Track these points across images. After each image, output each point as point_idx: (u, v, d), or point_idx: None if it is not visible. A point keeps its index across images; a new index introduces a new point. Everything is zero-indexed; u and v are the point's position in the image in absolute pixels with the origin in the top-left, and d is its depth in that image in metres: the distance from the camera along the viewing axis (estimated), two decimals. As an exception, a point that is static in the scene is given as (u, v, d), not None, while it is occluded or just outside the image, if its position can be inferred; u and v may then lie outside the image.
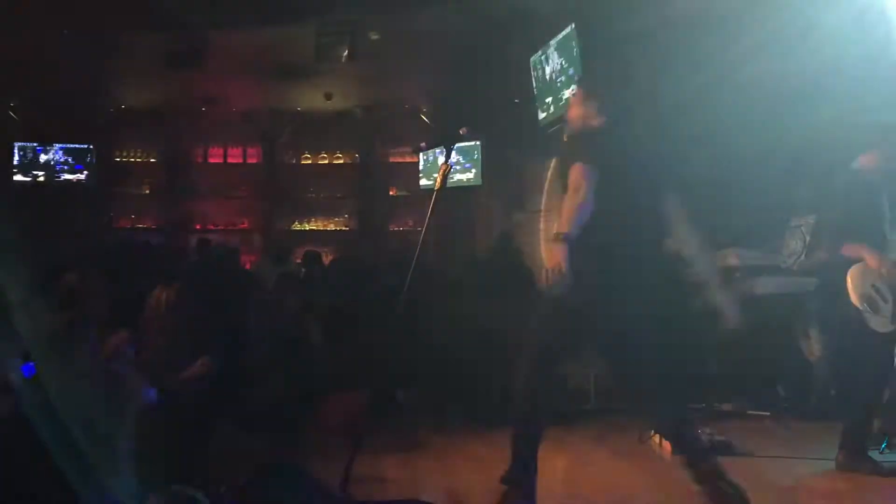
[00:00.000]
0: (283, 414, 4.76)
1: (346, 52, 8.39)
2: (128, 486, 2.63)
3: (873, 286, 4.21)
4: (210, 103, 10.84)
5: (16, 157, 10.76)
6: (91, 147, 10.94)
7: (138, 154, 11.43)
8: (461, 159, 9.93)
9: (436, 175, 3.98)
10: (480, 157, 9.90)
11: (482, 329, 5.94)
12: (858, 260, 4.28)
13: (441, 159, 8.39)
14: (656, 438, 4.91)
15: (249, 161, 11.56)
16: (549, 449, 4.45)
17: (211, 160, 11.54)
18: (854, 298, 4.27)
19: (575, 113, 3.71)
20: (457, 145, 4.20)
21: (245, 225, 11.52)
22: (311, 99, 10.69)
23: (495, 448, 4.77)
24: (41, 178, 10.80)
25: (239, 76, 9.74)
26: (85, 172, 10.89)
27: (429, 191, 10.46)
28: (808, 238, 5.82)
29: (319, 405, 5.30)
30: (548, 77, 7.55)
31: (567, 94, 7.21)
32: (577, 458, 4.61)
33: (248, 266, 9.96)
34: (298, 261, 9.69)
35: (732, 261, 5.80)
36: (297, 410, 4.97)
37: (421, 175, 10.64)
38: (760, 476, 4.26)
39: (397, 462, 4.51)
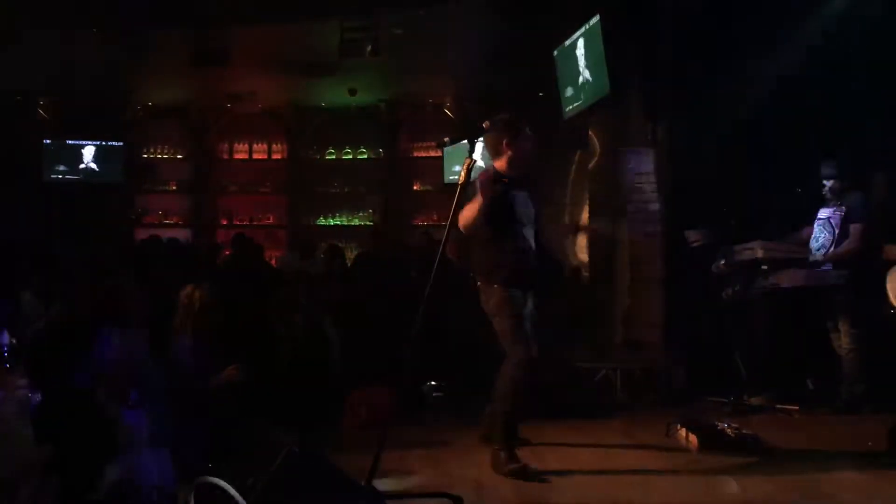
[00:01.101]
0: (310, 408, 4.80)
1: (369, 48, 8.41)
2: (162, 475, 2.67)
3: (912, 284, 4.18)
4: (235, 100, 10.92)
5: (46, 155, 10.88)
6: (121, 144, 11.06)
7: (165, 151, 11.53)
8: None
9: (460, 169, 4.02)
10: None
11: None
12: None
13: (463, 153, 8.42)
14: (682, 432, 4.88)
15: (274, 157, 11.64)
16: (577, 441, 4.48)
17: (236, 156, 11.62)
18: (891, 297, 4.25)
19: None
20: (480, 139, 4.24)
21: (270, 220, 11.59)
22: (336, 94, 10.72)
23: (520, 439, 4.80)
24: (72, 176, 10.92)
25: (263, 72, 9.79)
26: (114, 170, 11.00)
27: (453, 185, 10.46)
28: (836, 230, 5.77)
29: (347, 400, 5.34)
30: (573, 69, 7.50)
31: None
32: (604, 450, 4.60)
33: (273, 262, 10.03)
34: (322, 255, 9.75)
35: (759, 253, 5.73)
36: (325, 405, 5.01)
37: (445, 169, 10.63)
38: (788, 469, 4.23)
39: (424, 456, 4.52)
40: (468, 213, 4.15)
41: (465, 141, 3.86)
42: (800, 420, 5.57)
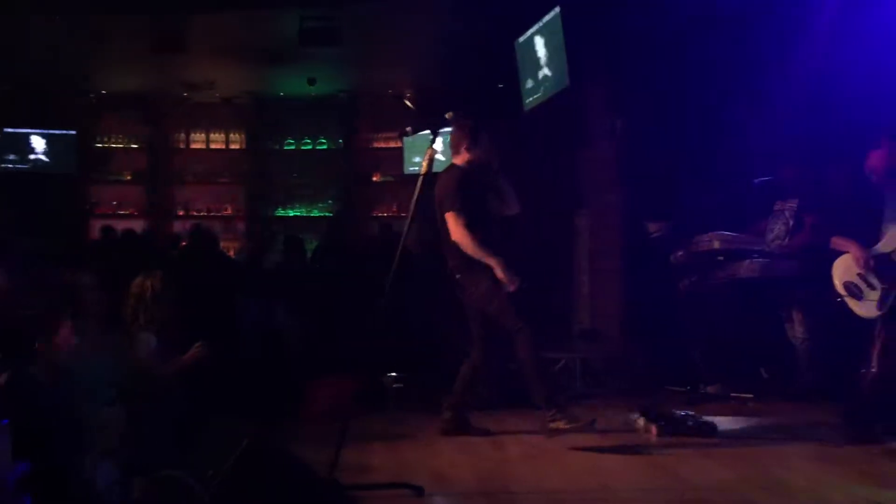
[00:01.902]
0: (271, 400, 4.76)
1: (330, 37, 8.33)
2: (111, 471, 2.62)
3: (858, 275, 4.27)
4: (192, 88, 10.75)
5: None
6: (73, 133, 10.83)
7: (120, 140, 11.31)
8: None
9: (421, 159, 4.06)
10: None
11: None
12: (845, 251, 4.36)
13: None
14: (641, 420, 4.94)
15: (232, 147, 11.50)
16: (537, 429, 4.50)
17: (193, 146, 11.46)
18: (837, 286, 4.34)
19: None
20: (442, 130, 4.25)
21: (228, 211, 11.45)
22: (295, 84, 10.61)
23: (480, 429, 4.83)
24: (22, 166, 10.66)
25: (221, 61, 9.65)
26: (66, 159, 10.77)
27: (413, 176, 10.44)
28: (791, 222, 5.88)
29: (307, 392, 5.31)
30: (533, 61, 7.53)
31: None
32: (564, 439, 4.63)
33: (231, 253, 9.92)
34: (281, 247, 9.67)
35: (716, 244, 5.82)
36: (282, 397, 4.98)
37: (405, 160, 10.60)
38: (744, 457, 4.30)
39: (385, 448, 4.52)
40: (466, 236, 4.48)
41: (428, 131, 3.83)
42: (755, 408, 5.66)
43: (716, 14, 6.22)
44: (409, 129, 3.90)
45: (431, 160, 3.79)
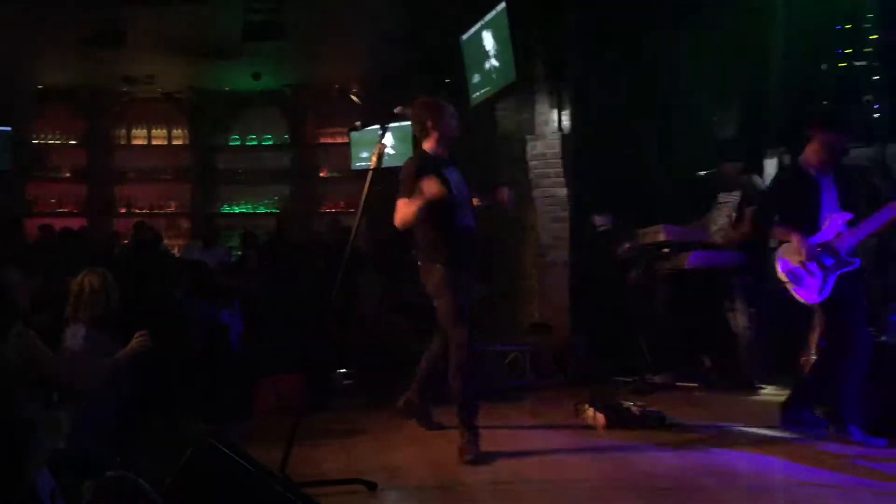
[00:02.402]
0: (219, 398, 4.71)
1: (273, 31, 8.24)
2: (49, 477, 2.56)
3: (800, 262, 4.39)
4: (132, 83, 10.53)
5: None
6: (8, 130, 10.50)
7: (58, 136, 11.02)
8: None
9: (368, 154, 4.03)
10: (412, 136, 9.85)
11: (417, 309, 5.95)
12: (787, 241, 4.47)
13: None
14: (590, 411, 5.01)
15: (174, 143, 11.30)
16: (489, 423, 4.53)
17: (134, 142, 11.23)
18: (780, 273, 4.46)
19: None
20: (392, 125, 4.23)
21: (171, 208, 11.26)
22: (239, 78, 10.47)
23: (437, 425, 4.84)
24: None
25: (163, 55, 9.47)
26: (2, 156, 10.43)
27: (361, 171, 10.40)
28: (733, 214, 6.02)
29: (256, 389, 5.26)
30: (480, 56, 7.55)
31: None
32: (515, 431, 4.68)
33: (175, 250, 9.76)
34: (228, 244, 9.56)
35: (662, 237, 5.93)
36: (234, 394, 4.92)
37: (352, 155, 10.54)
38: (690, 444, 4.39)
39: (336, 444, 4.51)
40: (405, 211, 4.14)
41: (377, 126, 3.81)
42: (699, 397, 5.79)
43: (661, 10, 6.33)
44: (357, 123, 3.83)
45: (381, 155, 3.76)
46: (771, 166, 6.55)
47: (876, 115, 6.73)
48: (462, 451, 4.04)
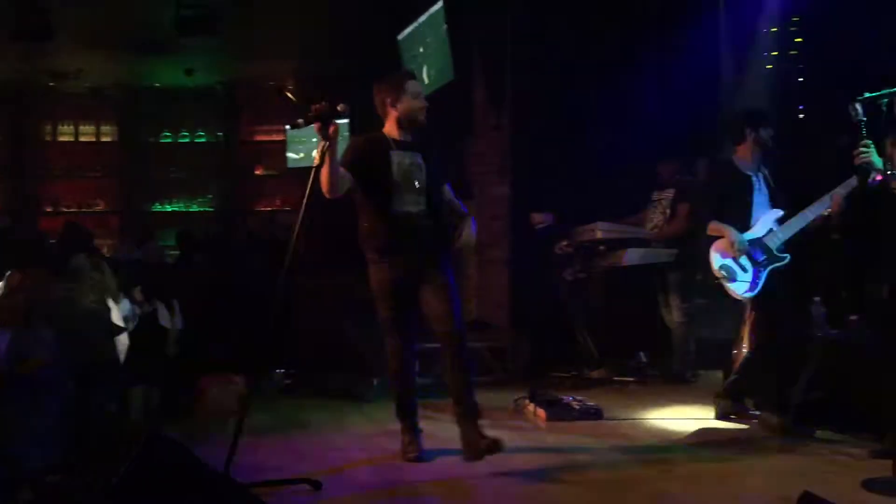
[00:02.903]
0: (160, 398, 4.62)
1: (208, 26, 8.10)
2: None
3: (733, 258, 4.53)
4: (59, 78, 10.21)
5: None
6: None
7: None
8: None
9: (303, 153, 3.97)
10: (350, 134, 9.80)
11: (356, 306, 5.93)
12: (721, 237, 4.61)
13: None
14: (531, 407, 5.08)
15: (103, 139, 11.00)
16: (431, 420, 4.55)
17: (60, 138, 10.90)
18: (713, 268, 4.59)
19: None
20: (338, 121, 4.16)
21: (101, 206, 10.95)
22: (171, 74, 10.25)
23: (375, 422, 4.84)
24: None
25: (91, 49, 9.21)
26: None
27: (297, 169, 10.30)
28: (668, 211, 6.17)
29: (196, 390, 5.17)
30: (417, 55, 7.56)
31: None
32: (457, 428, 4.69)
33: (104, 249, 9.50)
34: (161, 243, 9.37)
35: (599, 234, 6.03)
36: (173, 395, 4.83)
37: (289, 153, 10.42)
38: (629, 437, 4.50)
39: (279, 443, 4.46)
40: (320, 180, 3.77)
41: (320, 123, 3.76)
42: (636, 390, 5.93)
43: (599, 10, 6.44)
44: (300, 121, 3.75)
45: (324, 152, 3.72)
46: (702, 165, 6.74)
47: (801, 116, 7.00)
48: (404, 450, 4.03)
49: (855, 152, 3.70)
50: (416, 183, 3.98)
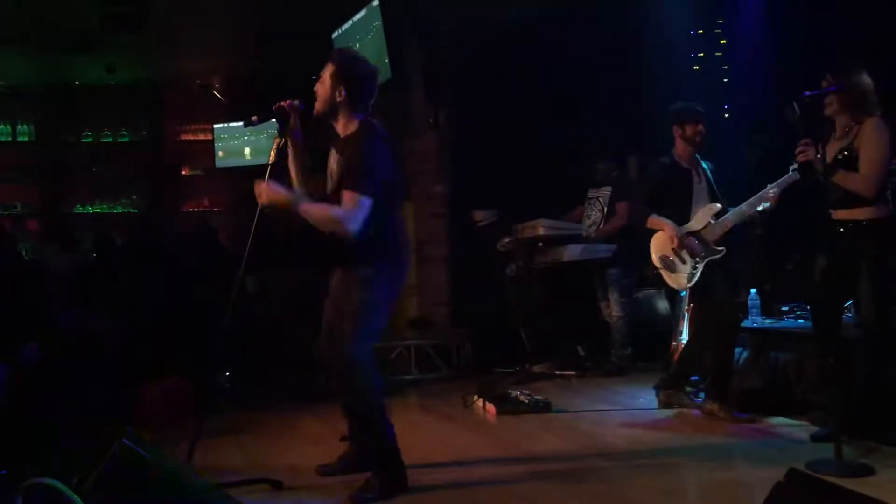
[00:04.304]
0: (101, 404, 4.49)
1: (132, 22, 7.88)
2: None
3: (673, 250, 4.67)
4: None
5: None
6: None
7: None
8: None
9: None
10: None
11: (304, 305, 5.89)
12: (660, 230, 4.74)
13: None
14: (480, 402, 5.13)
15: (20, 139, 10.57)
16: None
17: (-26, 139, 10.43)
18: (654, 260, 4.73)
19: None
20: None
21: (18, 209, 10.52)
22: (91, 72, 9.91)
23: (326, 422, 4.82)
24: None
25: (5, 45, 8.84)
26: None
27: (225, 169, 10.12)
28: (605, 208, 6.32)
29: (140, 394, 5.04)
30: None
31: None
32: (409, 425, 4.71)
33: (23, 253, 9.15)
34: (86, 245, 9.07)
35: (540, 231, 6.13)
36: (115, 400, 4.71)
37: (220, 152, 10.23)
38: (575, 427, 4.61)
39: (233, 444, 4.41)
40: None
41: (273, 120, 3.72)
42: (577, 384, 6.04)
43: (536, 12, 6.55)
44: (254, 118, 3.69)
45: (278, 149, 3.67)
46: (632, 163, 6.94)
47: (726, 115, 7.28)
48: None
49: (796, 151, 3.87)
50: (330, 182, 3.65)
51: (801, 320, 5.11)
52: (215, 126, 10.15)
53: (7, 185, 10.45)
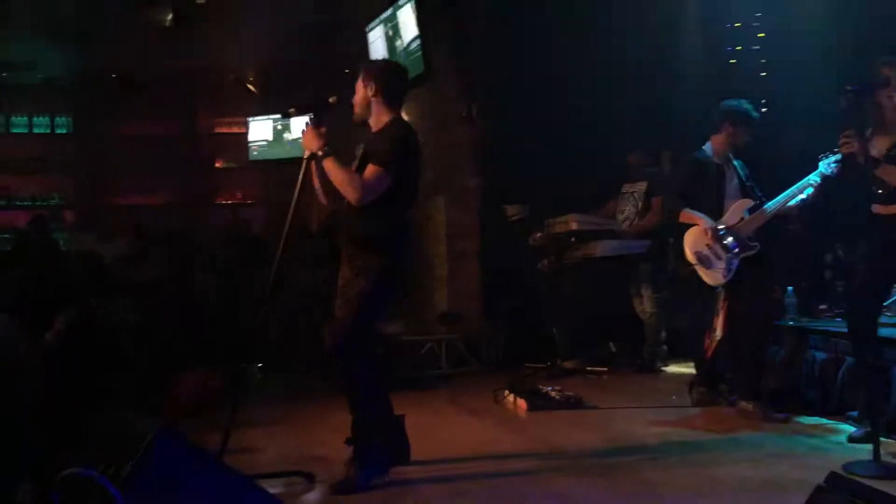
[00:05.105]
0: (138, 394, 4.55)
1: (169, 17, 7.96)
2: None
3: (707, 245, 4.61)
4: (10, 69, 9.91)
5: None
6: None
7: None
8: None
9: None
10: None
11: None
12: (693, 225, 4.68)
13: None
14: (510, 397, 5.12)
15: (58, 131, 10.72)
16: (415, 412, 4.56)
17: (14, 130, 10.59)
18: (689, 255, 4.67)
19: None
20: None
21: (56, 200, 10.69)
22: (130, 64, 10.02)
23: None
24: None
25: (46, 38, 8.97)
26: None
27: (258, 162, 10.18)
28: (639, 203, 6.26)
29: (172, 386, 5.09)
30: (386, 46, 7.52)
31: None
32: (440, 419, 4.72)
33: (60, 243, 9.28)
34: (123, 237, 9.17)
35: (573, 226, 6.10)
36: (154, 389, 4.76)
37: (251, 146, 10.29)
38: (606, 424, 4.57)
39: (264, 435, 4.44)
40: None
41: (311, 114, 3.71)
42: (609, 380, 6.01)
43: (571, 5, 6.49)
44: (292, 109, 3.73)
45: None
46: (666, 157, 6.86)
47: (763, 110, 7.16)
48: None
49: (840, 142, 3.78)
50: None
51: (839, 319, 5.02)
52: (249, 119, 10.22)
53: (45, 177, 10.61)
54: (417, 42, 6.83)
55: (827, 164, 4.39)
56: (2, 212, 10.26)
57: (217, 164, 10.94)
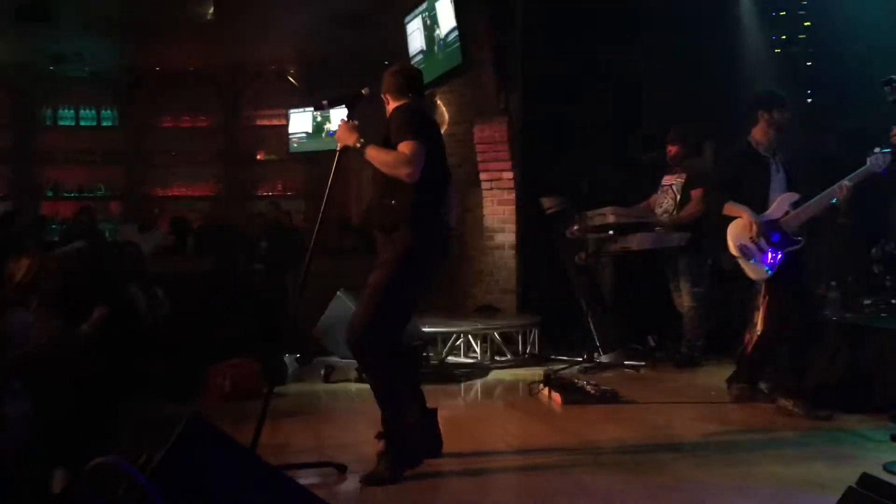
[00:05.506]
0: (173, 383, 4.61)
1: (210, 10, 8.03)
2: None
3: (751, 238, 4.52)
4: (60, 61, 10.12)
5: None
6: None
7: None
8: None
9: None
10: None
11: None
12: (737, 217, 4.60)
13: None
14: (545, 390, 5.09)
15: (104, 124, 10.94)
16: (445, 402, 4.56)
17: (61, 122, 10.83)
18: (732, 248, 4.58)
19: None
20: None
21: (102, 191, 10.91)
22: (173, 58, 10.16)
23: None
24: None
25: (92, 32, 9.12)
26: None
27: (297, 154, 10.27)
28: (678, 196, 6.16)
29: (209, 374, 5.15)
30: (424, 38, 7.51)
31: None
32: (474, 411, 4.71)
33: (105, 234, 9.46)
34: (164, 228, 9.32)
35: (611, 218, 6.02)
36: (190, 378, 4.82)
37: (292, 138, 10.38)
38: (643, 419, 4.51)
39: (298, 426, 4.47)
40: None
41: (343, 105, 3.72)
42: (646, 375, 5.93)
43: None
44: (325, 101, 3.74)
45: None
46: (709, 148, 6.74)
47: (808, 101, 7.01)
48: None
49: (893, 132, 3.68)
50: None
51: (884, 315, 4.89)
52: (289, 111, 10.30)
53: (91, 168, 10.84)
54: (455, 33, 6.82)
55: (875, 159, 4.29)
56: (49, 202, 10.49)
57: (258, 156, 11.07)
